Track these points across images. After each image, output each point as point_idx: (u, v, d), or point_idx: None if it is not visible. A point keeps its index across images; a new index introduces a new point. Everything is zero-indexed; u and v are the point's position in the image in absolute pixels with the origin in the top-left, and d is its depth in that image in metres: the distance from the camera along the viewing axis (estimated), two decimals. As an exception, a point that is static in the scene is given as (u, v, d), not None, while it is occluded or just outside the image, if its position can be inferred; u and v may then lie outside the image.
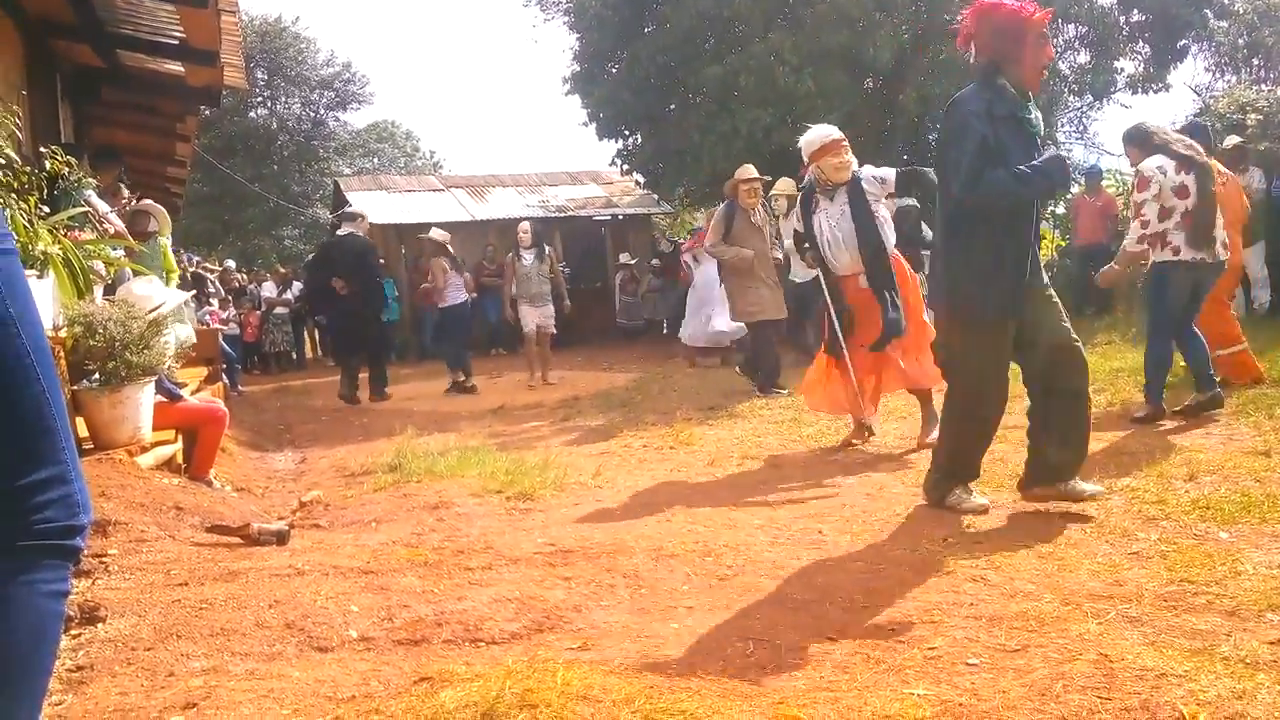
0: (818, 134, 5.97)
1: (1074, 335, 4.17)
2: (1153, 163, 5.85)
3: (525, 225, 11.71)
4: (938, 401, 5.21)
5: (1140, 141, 6.05)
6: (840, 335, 5.91)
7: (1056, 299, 4.22)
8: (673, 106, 16.77)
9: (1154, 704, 2.24)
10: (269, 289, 18.00)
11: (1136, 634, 2.73)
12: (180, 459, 5.48)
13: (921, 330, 5.82)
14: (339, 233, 11.03)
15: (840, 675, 2.61)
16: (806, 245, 6.17)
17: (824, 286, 6.03)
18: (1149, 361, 6.03)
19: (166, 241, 8.21)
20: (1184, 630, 2.73)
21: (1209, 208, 5.75)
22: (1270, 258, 10.38)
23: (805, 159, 6.02)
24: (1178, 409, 5.92)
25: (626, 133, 17.74)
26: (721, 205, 9.19)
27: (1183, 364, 6.28)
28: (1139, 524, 3.86)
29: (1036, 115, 4.17)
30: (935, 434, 5.36)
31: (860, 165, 6.04)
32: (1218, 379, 6.02)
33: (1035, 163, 3.98)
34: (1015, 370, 4.24)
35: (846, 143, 5.95)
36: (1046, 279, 4.30)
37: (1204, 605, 2.91)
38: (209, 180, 29.04)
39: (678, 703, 2.36)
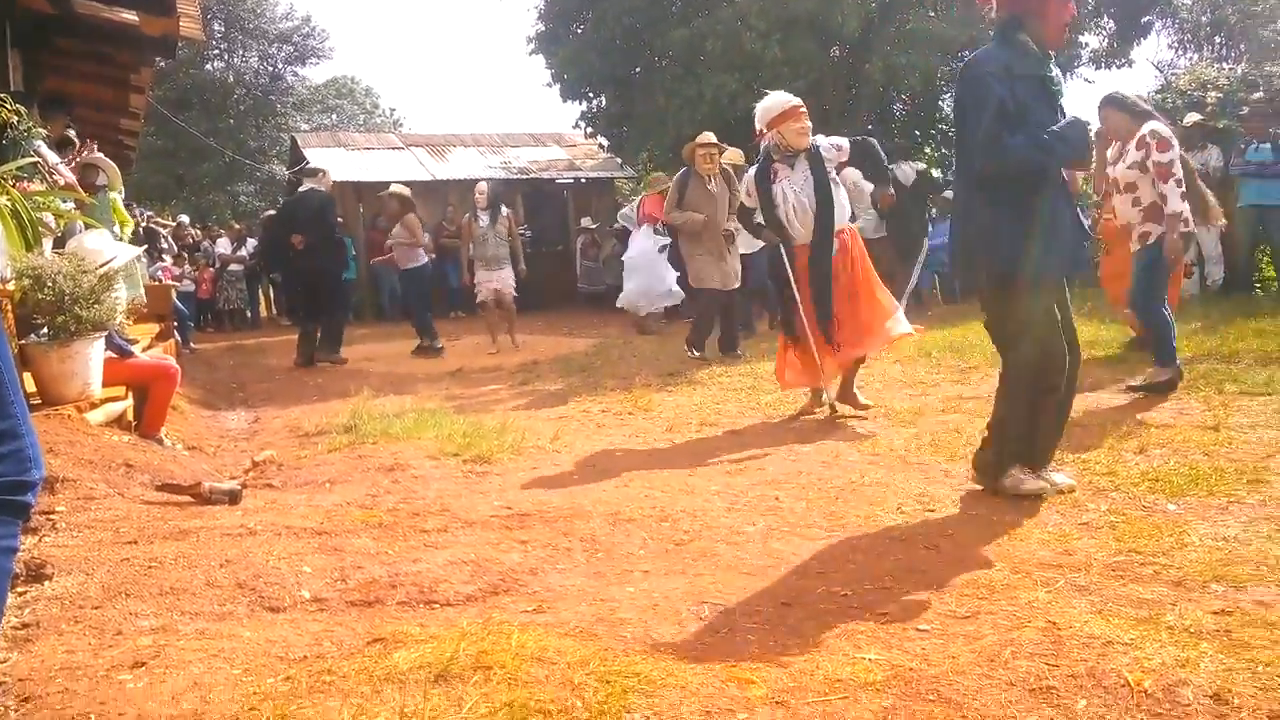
0: (777, 100, 5.92)
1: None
2: (1160, 127, 5.85)
3: (482, 185, 11.27)
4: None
5: (1129, 108, 6.02)
6: (797, 312, 5.91)
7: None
8: (638, 69, 16.67)
9: (1100, 671, 2.28)
10: (223, 245, 17.74)
11: (1084, 602, 2.77)
12: (131, 416, 5.40)
13: (872, 302, 5.86)
14: (300, 189, 10.85)
15: (793, 639, 2.63)
16: (759, 221, 6.11)
17: (785, 259, 5.97)
18: (1159, 328, 5.98)
19: (117, 196, 8.03)
20: (1131, 599, 2.77)
21: (1194, 180, 5.84)
22: (1224, 234, 10.52)
23: (762, 126, 5.94)
24: (1134, 383, 6.00)
25: (591, 95, 17.62)
26: (680, 171, 9.16)
27: (1132, 336, 6.38)
28: (1089, 495, 3.91)
29: (1058, 74, 3.95)
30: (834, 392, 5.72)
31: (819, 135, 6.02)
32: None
33: (1056, 128, 3.76)
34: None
35: (803, 108, 5.91)
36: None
37: (1151, 575, 2.96)
38: (163, 134, 28.47)
39: (632, 665, 2.37)
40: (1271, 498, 3.66)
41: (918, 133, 17.25)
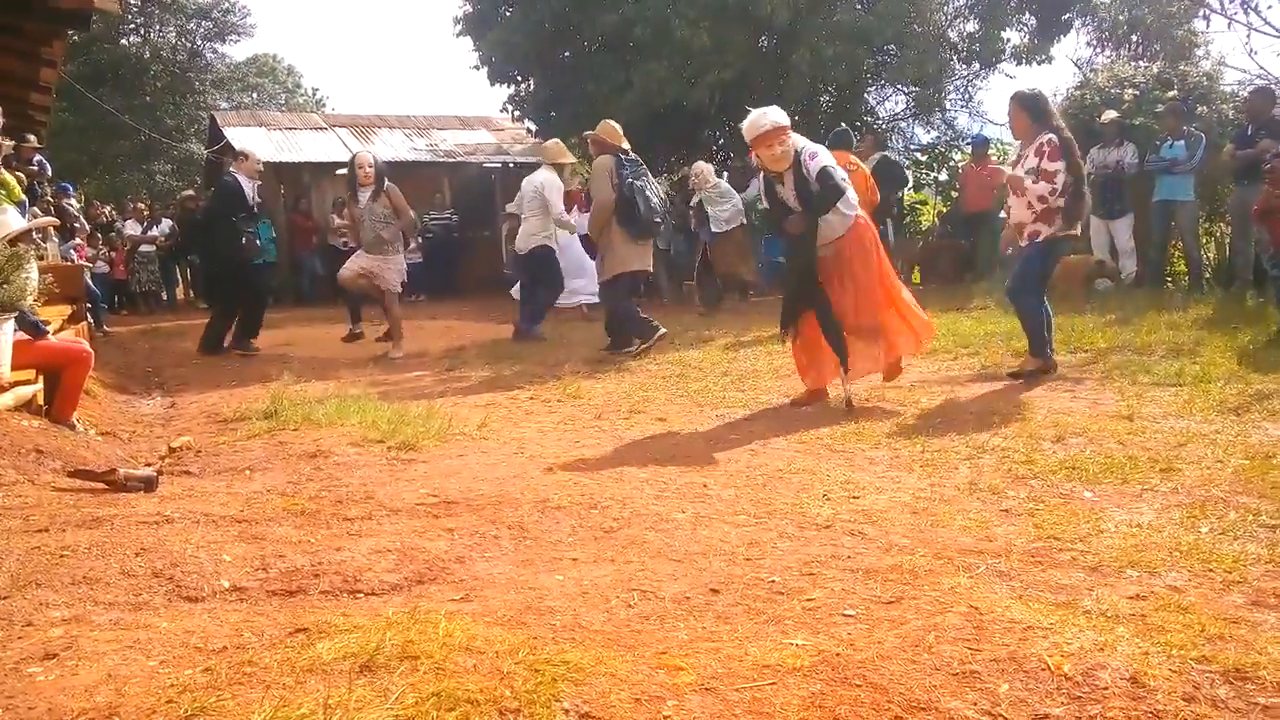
0: (755, 122, 5.75)
1: None
2: (1054, 137, 5.96)
3: (367, 159, 9.51)
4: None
5: (1038, 113, 6.08)
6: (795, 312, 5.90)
7: None
8: (567, 54, 16.57)
9: (1021, 655, 2.32)
10: (132, 227, 17.21)
11: (1005, 588, 2.83)
12: (41, 400, 5.22)
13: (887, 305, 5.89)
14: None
15: (722, 626, 2.64)
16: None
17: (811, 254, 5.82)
18: (1031, 320, 6.18)
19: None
20: (1050, 585, 2.84)
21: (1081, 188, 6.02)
22: (1137, 229, 10.83)
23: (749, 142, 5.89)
24: (1013, 371, 6.18)
25: (519, 78, 17.47)
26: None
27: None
28: (1009, 482, 4.00)
29: None
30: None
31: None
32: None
33: None
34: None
35: (785, 130, 5.74)
36: None
37: (1069, 561, 3.03)
38: (76, 110, 27.50)
39: (562, 654, 2.35)
40: (1183, 485, 3.77)
41: (843, 125, 17.45)
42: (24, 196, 8.21)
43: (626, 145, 8.64)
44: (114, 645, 2.36)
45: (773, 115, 5.73)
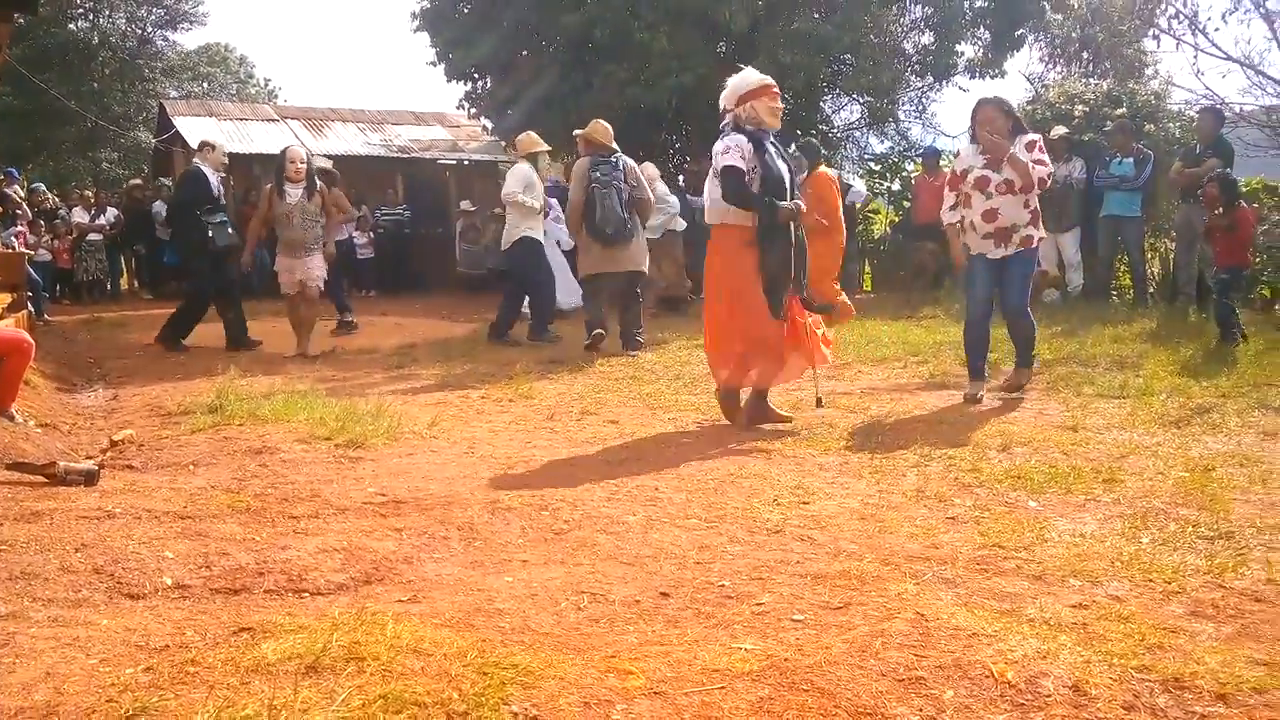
0: (755, 75, 5.63)
1: None
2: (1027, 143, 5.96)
3: (298, 153, 9.22)
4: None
5: (1014, 114, 6.05)
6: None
7: None
8: (525, 53, 16.49)
9: (966, 662, 2.35)
10: (79, 214, 16.84)
11: (951, 595, 2.86)
12: (-22, 390, 5.09)
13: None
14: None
15: (671, 630, 2.64)
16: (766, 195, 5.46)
17: (791, 238, 5.49)
18: (1031, 331, 6.14)
19: None
20: (994, 593, 2.87)
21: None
22: (1084, 243, 11.02)
23: (732, 101, 5.55)
24: (1011, 385, 6.21)
25: (476, 76, 17.35)
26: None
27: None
28: (955, 490, 4.04)
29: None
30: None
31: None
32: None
33: None
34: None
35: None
36: None
37: (1013, 569, 3.08)
38: (20, 94, 26.90)
39: (510, 656, 2.34)
40: (1125, 496, 3.84)
41: (798, 133, 17.58)
42: None
43: (614, 146, 8.65)
44: (53, 643, 2.31)
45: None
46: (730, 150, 5.39)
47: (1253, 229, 7.72)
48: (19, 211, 13.29)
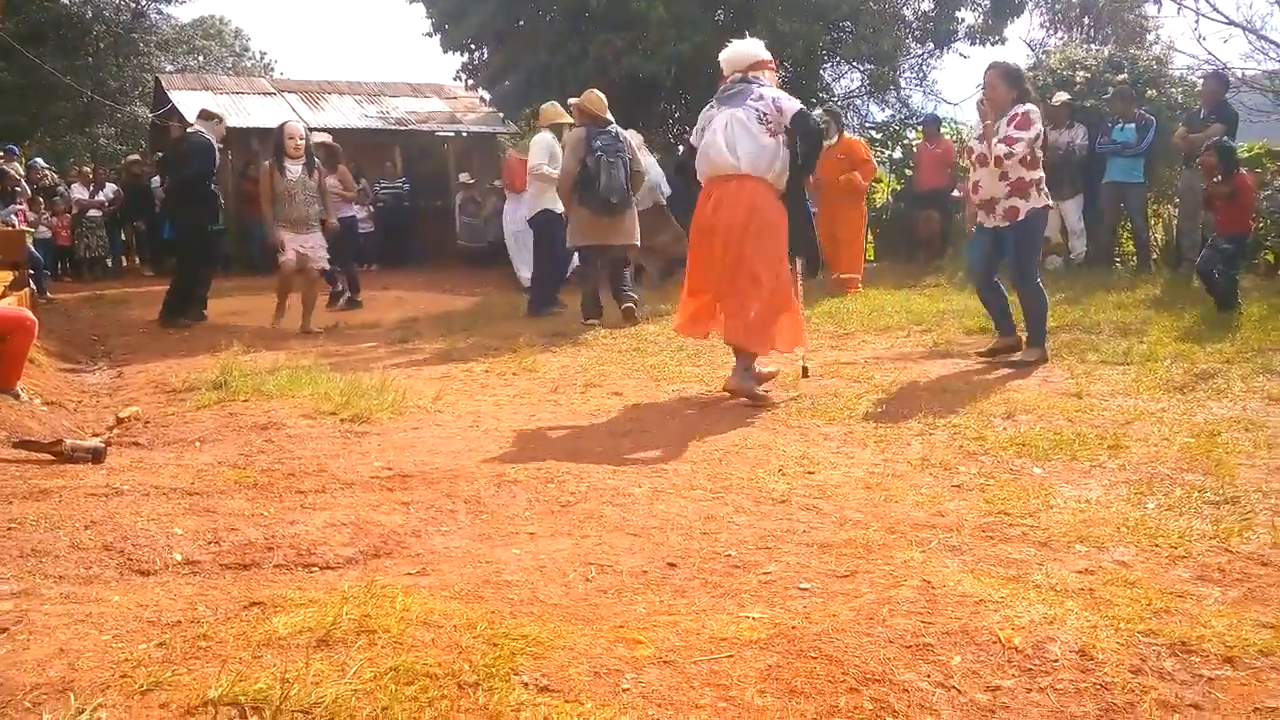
0: (761, 46, 5.64)
1: None
2: (1034, 110, 5.97)
3: (296, 129, 9.12)
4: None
5: (1018, 83, 6.04)
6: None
7: None
8: (522, 22, 16.34)
9: (973, 628, 2.36)
10: (78, 191, 16.79)
11: (957, 562, 2.87)
12: (-17, 369, 5.09)
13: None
14: (188, 129, 10.09)
15: (679, 599, 2.66)
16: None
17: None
18: (1035, 303, 6.10)
19: None
20: (1000, 559, 2.89)
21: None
22: (1087, 210, 10.98)
23: (743, 65, 5.52)
24: (983, 351, 6.25)
25: (473, 47, 17.22)
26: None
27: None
28: (960, 458, 4.05)
29: None
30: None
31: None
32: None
33: None
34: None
35: None
36: None
37: (1019, 536, 3.09)
38: (14, 70, 26.69)
39: (519, 628, 2.35)
40: (1130, 462, 3.85)
41: (813, 101, 17.48)
42: None
43: (609, 117, 8.60)
44: (65, 619, 2.32)
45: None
46: (791, 99, 5.37)
47: (1253, 195, 7.67)
48: (18, 189, 13.24)
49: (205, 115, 10.07)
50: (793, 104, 5.33)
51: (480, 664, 2.13)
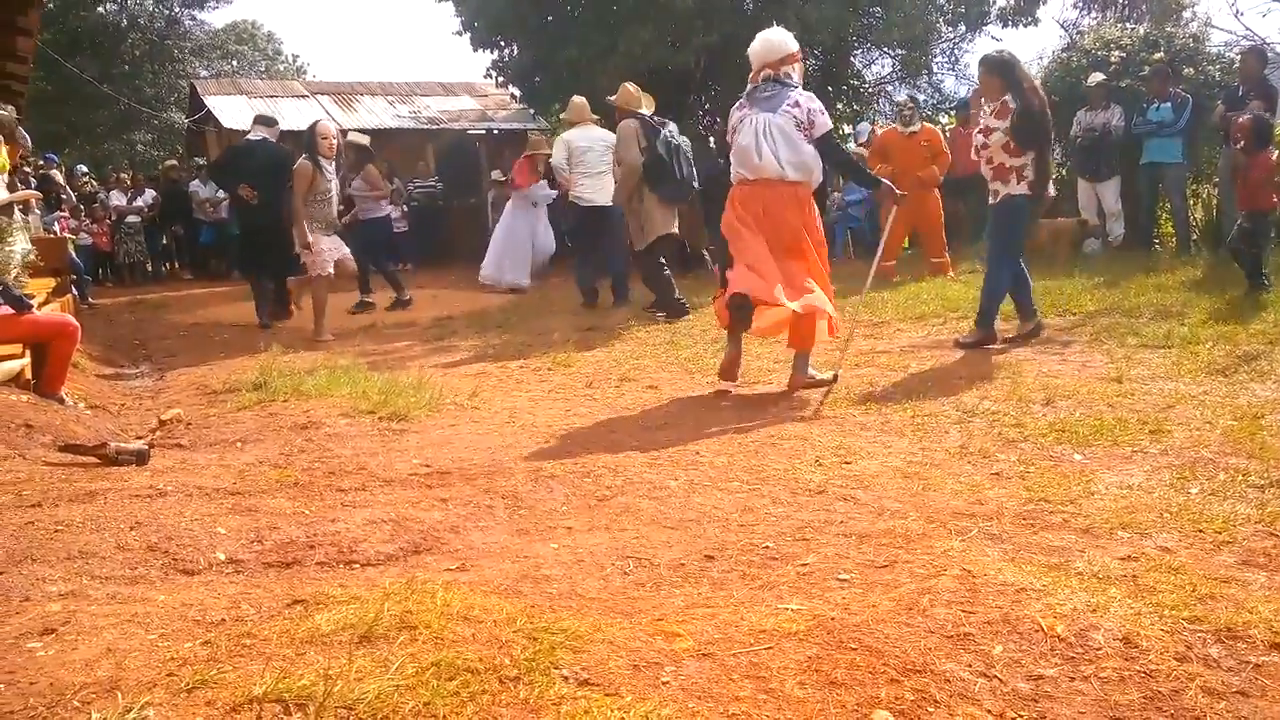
0: (791, 38, 5.59)
1: None
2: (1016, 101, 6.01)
3: (329, 128, 9.03)
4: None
5: (1008, 77, 6.09)
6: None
7: None
8: (550, 18, 16.36)
9: (1014, 617, 2.34)
10: (117, 197, 17.02)
11: (997, 551, 2.85)
12: (29, 375, 5.19)
13: None
14: (249, 137, 10.01)
15: (717, 592, 2.66)
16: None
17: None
18: (996, 288, 6.31)
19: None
20: (1041, 547, 2.86)
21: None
22: (1125, 192, 10.82)
23: (775, 58, 5.45)
24: (1009, 338, 6.23)
25: (502, 44, 17.27)
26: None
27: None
28: (999, 446, 4.02)
29: None
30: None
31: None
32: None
33: None
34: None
35: None
36: None
37: (1060, 523, 3.06)
38: (53, 79, 27.08)
39: (559, 621, 2.36)
40: (1173, 447, 3.80)
41: (829, 89, 17.34)
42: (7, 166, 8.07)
43: (648, 107, 8.54)
44: (112, 619, 2.35)
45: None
46: (824, 112, 5.45)
47: (1270, 173, 7.47)
48: (63, 196, 13.43)
49: (265, 121, 10.09)
50: (825, 123, 5.38)
51: (520, 658, 2.15)
